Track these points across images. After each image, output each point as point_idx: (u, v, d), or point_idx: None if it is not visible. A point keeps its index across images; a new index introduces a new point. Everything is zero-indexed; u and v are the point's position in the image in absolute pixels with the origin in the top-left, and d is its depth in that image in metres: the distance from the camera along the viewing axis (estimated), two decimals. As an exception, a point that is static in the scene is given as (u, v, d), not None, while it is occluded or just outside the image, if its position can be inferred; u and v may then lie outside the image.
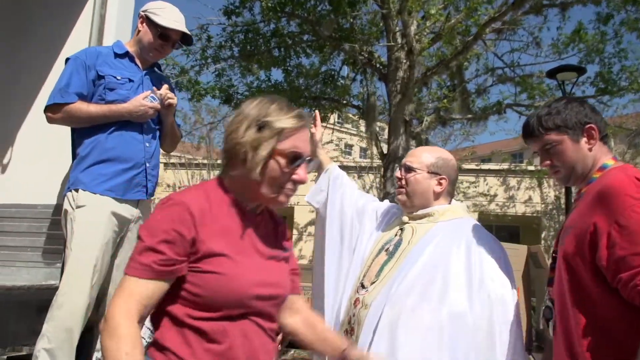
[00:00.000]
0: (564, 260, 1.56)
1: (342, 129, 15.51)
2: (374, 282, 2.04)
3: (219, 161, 13.32)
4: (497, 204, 15.60)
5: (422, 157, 2.17)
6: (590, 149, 1.64)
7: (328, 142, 14.58)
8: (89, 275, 2.35)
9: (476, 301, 1.85)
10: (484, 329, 1.82)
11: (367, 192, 14.99)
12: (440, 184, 2.15)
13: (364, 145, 18.26)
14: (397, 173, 2.20)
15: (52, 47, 3.03)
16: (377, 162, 14.99)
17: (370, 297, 1.99)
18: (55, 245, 2.81)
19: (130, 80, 2.59)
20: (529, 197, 15.84)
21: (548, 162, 1.71)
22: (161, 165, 12.21)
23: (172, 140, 2.81)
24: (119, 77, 2.56)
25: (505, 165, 16.13)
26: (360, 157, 19.84)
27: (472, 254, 1.96)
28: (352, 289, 2.15)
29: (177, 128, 2.85)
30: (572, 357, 1.50)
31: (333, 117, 10.11)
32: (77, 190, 2.45)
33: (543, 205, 15.74)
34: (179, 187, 15.25)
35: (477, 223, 2.15)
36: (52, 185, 2.83)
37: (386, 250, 2.14)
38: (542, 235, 15.17)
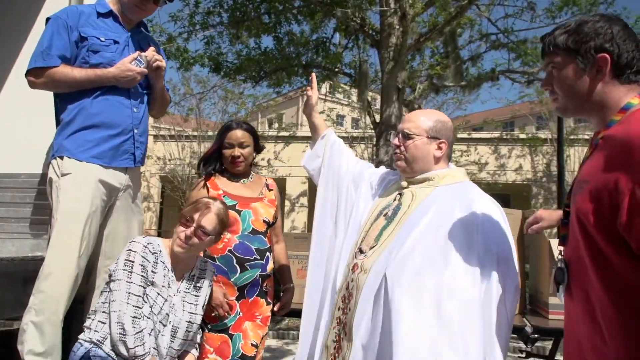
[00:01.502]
0: (578, 220, 1.36)
1: (333, 99, 15.35)
2: (373, 247, 2.00)
3: (210, 133, 13.26)
4: (487, 172, 15.67)
5: (420, 121, 2.10)
6: (594, 82, 1.38)
7: (320, 113, 14.44)
8: (77, 245, 2.27)
9: (479, 262, 1.80)
10: (484, 291, 1.78)
11: (359, 162, 15.10)
12: (440, 147, 2.09)
13: (355, 115, 18.13)
14: (395, 140, 2.12)
15: (29, 7, 2.87)
16: (369, 132, 14.93)
17: (369, 261, 1.95)
18: (41, 215, 2.72)
19: (116, 42, 2.47)
20: (520, 165, 15.90)
21: (549, 86, 1.48)
22: (150, 137, 12.06)
23: (162, 105, 2.71)
24: (103, 39, 2.43)
25: (496, 134, 16.12)
26: (352, 127, 19.70)
27: (474, 217, 1.90)
28: (349, 254, 2.11)
29: (167, 92, 2.74)
30: (593, 322, 1.33)
31: (324, 87, 9.97)
32: (61, 158, 2.35)
33: (533, 173, 15.82)
34: (169, 160, 15.11)
35: (477, 187, 2.10)
36: (36, 153, 2.72)
37: (385, 215, 2.09)
38: (532, 203, 15.29)
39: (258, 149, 2.70)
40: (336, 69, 8.33)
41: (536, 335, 2.87)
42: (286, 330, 7.87)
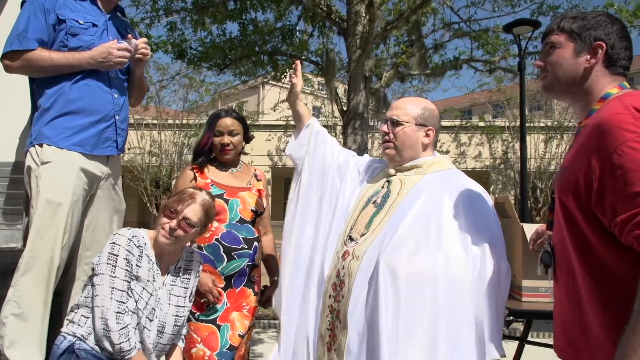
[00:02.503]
0: (561, 204, 1.45)
1: (295, 88, 15.34)
2: (364, 234, 2.02)
3: (170, 121, 12.91)
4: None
5: (408, 109, 2.13)
6: (587, 67, 1.47)
7: (283, 101, 14.36)
8: (59, 235, 2.20)
9: (470, 247, 1.86)
10: (478, 273, 1.83)
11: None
12: (427, 135, 2.13)
13: (318, 104, 18.12)
14: (384, 127, 2.15)
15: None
16: (332, 120, 14.95)
17: (361, 248, 1.97)
18: (14, 205, 2.63)
19: (94, 25, 2.39)
20: (479, 152, 16.32)
21: (541, 63, 1.57)
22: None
23: (140, 93, 2.65)
24: (81, 22, 2.36)
25: (457, 122, 16.46)
26: (315, 116, 19.68)
27: (463, 202, 1.96)
28: (337, 242, 2.12)
29: (145, 80, 2.68)
30: (577, 301, 1.40)
31: (289, 75, 9.90)
32: (41, 145, 2.27)
33: (492, 160, 16.26)
34: (128, 149, 14.74)
35: (463, 174, 2.15)
36: (9, 141, 2.61)
37: (374, 202, 2.11)
38: (491, 189, 15.73)
39: (247, 137, 2.69)
40: (302, 57, 8.29)
41: (511, 318, 2.98)
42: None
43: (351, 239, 2.05)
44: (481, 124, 15.87)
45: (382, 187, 2.14)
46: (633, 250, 1.23)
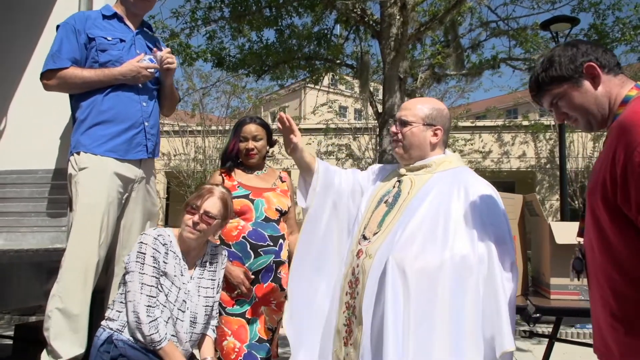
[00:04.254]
0: (590, 208, 1.47)
1: (336, 91, 15.38)
2: (376, 233, 2.09)
3: (213, 127, 13.17)
4: (492, 160, 15.68)
5: (416, 109, 2.19)
6: (596, 88, 1.52)
7: (323, 104, 14.48)
8: (96, 234, 2.39)
9: (477, 243, 1.90)
10: (485, 269, 1.87)
11: (363, 153, 14.98)
12: (435, 134, 2.18)
13: (358, 106, 18.14)
14: (393, 128, 2.22)
15: (40, 16, 2.98)
16: (372, 122, 14.96)
17: (373, 247, 2.04)
18: (58, 209, 2.84)
19: (122, 41, 2.59)
20: (523, 152, 15.90)
21: (562, 116, 1.60)
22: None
23: (171, 102, 2.82)
24: (109, 38, 2.55)
25: (499, 122, 16.12)
26: (355, 119, 19.72)
27: (471, 200, 2.00)
28: (352, 242, 2.19)
29: (176, 90, 2.85)
30: (605, 302, 1.42)
31: (327, 78, 9.99)
32: (78, 153, 2.48)
33: (537, 160, 15.83)
34: (174, 155, 15.21)
35: (473, 172, 2.19)
36: (52, 151, 2.84)
37: (385, 202, 2.18)
38: (537, 189, 15.31)
39: (271, 142, 2.82)
40: (338, 61, 8.38)
41: (538, 315, 2.97)
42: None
43: (364, 237, 2.13)
44: (525, 122, 15.48)
45: (394, 187, 2.20)
46: None
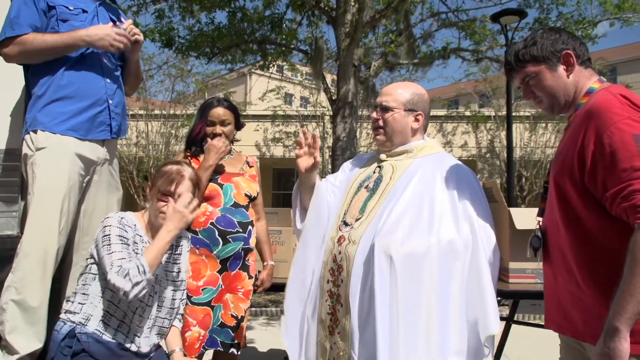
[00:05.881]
0: (556, 187, 1.58)
1: (284, 78, 15.21)
2: (359, 219, 2.04)
3: (156, 111, 12.68)
4: (435, 149, 16.00)
5: (397, 94, 2.16)
6: (568, 75, 1.64)
7: (271, 91, 14.31)
8: (56, 220, 2.22)
9: (462, 227, 1.91)
10: (469, 254, 1.88)
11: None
12: (417, 120, 2.17)
13: (306, 94, 18.05)
14: (373, 114, 2.18)
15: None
16: (320, 109, 14.94)
17: (357, 233, 2.00)
18: (8, 193, 2.62)
19: (84, 11, 2.40)
20: (465, 142, 16.39)
21: (530, 95, 1.71)
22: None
23: (136, 80, 2.66)
24: (71, 7, 2.36)
25: (442, 112, 16.52)
26: (301, 106, 19.62)
27: (454, 185, 2.01)
28: (331, 228, 2.12)
29: (140, 67, 2.68)
30: (569, 274, 1.54)
31: (276, 65, 9.83)
32: (35, 132, 2.28)
33: (478, 149, 16.37)
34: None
35: (453, 157, 2.20)
36: (1, 130, 2.60)
37: (366, 187, 2.14)
38: (478, 177, 15.81)
39: (239, 126, 2.71)
40: (292, 46, 8.27)
41: (498, 298, 3.07)
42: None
43: (345, 223, 2.07)
44: (467, 113, 15.95)
45: (374, 172, 2.17)
46: (622, 222, 1.40)
